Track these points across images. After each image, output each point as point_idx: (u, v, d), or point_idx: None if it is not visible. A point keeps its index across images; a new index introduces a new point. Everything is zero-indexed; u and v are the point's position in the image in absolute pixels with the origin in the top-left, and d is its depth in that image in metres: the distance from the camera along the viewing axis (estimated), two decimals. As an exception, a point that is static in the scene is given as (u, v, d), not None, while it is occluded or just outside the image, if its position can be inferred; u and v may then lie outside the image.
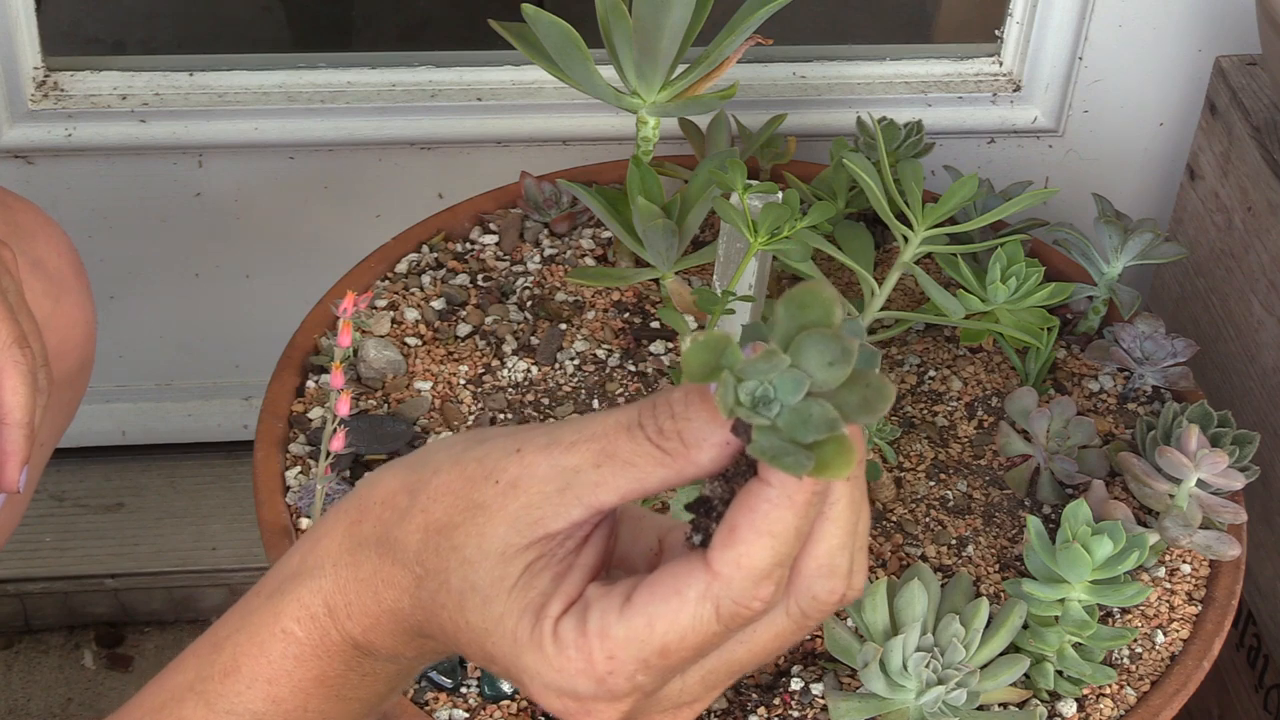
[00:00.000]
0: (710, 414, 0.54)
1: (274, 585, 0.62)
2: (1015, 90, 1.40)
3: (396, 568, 0.59)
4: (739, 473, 0.55)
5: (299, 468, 1.02)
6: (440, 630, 0.59)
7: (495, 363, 1.10)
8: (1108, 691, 0.93)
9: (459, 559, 0.57)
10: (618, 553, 0.60)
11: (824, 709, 0.91)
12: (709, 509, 0.55)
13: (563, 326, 1.13)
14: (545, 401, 1.08)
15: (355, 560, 0.60)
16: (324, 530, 0.62)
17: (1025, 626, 0.92)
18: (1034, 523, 0.90)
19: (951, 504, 1.04)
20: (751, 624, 0.56)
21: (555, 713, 0.56)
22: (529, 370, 1.10)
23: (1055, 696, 0.93)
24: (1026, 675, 0.92)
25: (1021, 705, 0.92)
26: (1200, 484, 0.98)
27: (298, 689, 0.61)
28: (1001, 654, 0.91)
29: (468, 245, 1.19)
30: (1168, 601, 0.98)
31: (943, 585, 0.92)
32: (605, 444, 0.55)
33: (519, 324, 1.13)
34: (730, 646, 0.57)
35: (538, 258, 1.18)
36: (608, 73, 1.06)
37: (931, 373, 1.12)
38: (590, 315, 1.14)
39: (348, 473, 1.02)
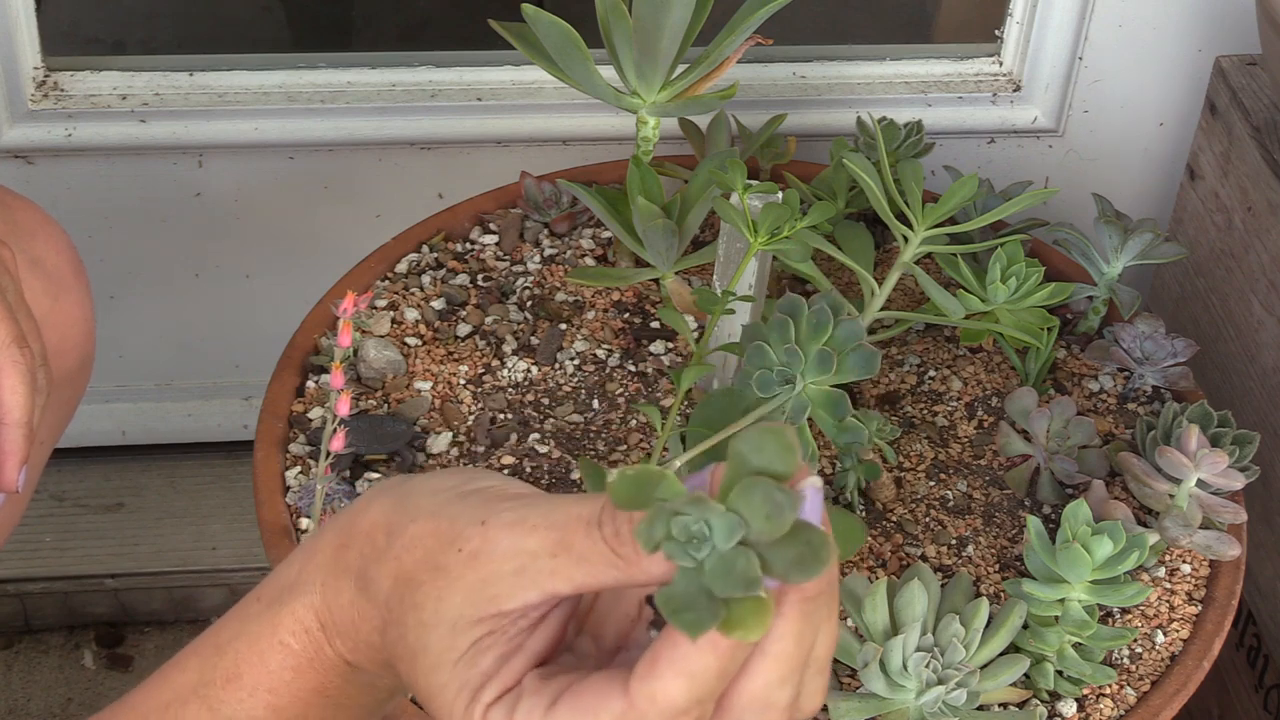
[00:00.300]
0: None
1: (272, 594, 0.63)
2: (1015, 90, 1.40)
3: (370, 605, 0.60)
4: None
5: (299, 468, 1.02)
6: (401, 674, 0.60)
7: (495, 363, 1.10)
8: (1108, 691, 0.93)
9: (416, 619, 0.57)
10: (597, 610, 0.60)
11: (824, 709, 0.91)
12: None
13: (563, 326, 1.13)
14: (545, 401, 1.08)
15: (338, 586, 0.61)
16: (317, 546, 0.62)
17: (1025, 626, 0.92)
18: (1034, 523, 0.90)
19: (951, 504, 1.04)
20: None
21: None
22: (529, 370, 1.10)
23: (1055, 696, 0.93)
24: (1026, 675, 0.92)
25: (1021, 705, 0.92)
26: (1200, 484, 0.98)
27: (297, 698, 0.62)
28: (1001, 654, 0.91)
29: (468, 245, 1.19)
30: (1168, 601, 0.98)
31: (943, 585, 0.92)
32: (563, 535, 0.55)
33: (519, 324, 1.13)
34: None
35: (538, 258, 1.18)
36: (608, 73, 1.06)
37: (931, 373, 1.12)
38: (590, 315, 1.14)
39: (348, 473, 1.02)
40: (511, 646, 0.56)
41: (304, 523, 0.99)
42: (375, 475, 1.03)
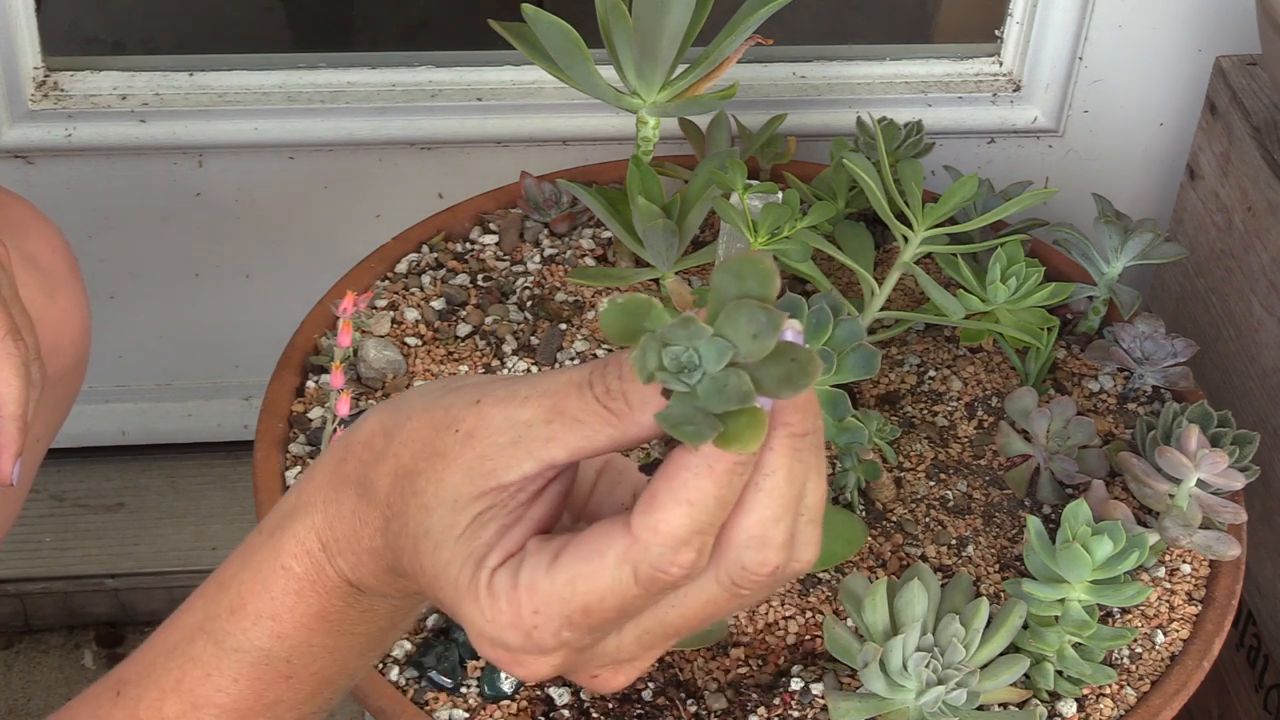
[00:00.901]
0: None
1: (274, 523, 0.63)
2: (1015, 90, 1.40)
3: (371, 508, 0.60)
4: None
5: (299, 468, 1.02)
6: (404, 570, 0.60)
7: (495, 363, 1.10)
8: (1108, 691, 0.93)
9: (418, 504, 0.58)
10: (592, 502, 0.62)
11: (824, 709, 0.91)
12: None
13: (563, 326, 1.13)
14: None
15: (339, 498, 0.61)
16: (316, 469, 0.63)
17: (1025, 626, 0.92)
18: (1034, 523, 0.90)
19: (951, 504, 1.04)
20: (678, 589, 0.57)
21: (490, 660, 0.58)
22: (529, 370, 1.10)
23: (1055, 696, 0.93)
24: (1026, 675, 0.92)
25: (1021, 705, 0.92)
26: (1200, 484, 0.98)
27: (300, 624, 0.62)
28: (1001, 654, 0.91)
29: (468, 245, 1.19)
30: (1168, 601, 0.98)
31: (943, 585, 0.92)
32: (556, 400, 0.56)
33: (519, 324, 1.13)
34: (662, 609, 0.57)
35: (538, 258, 1.18)
36: (608, 73, 1.06)
37: (931, 373, 1.12)
38: (590, 315, 1.14)
39: (348, 473, 1.02)
40: (512, 518, 0.57)
41: (304, 523, 0.99)
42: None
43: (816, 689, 0.92)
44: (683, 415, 0.52)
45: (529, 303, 1.15)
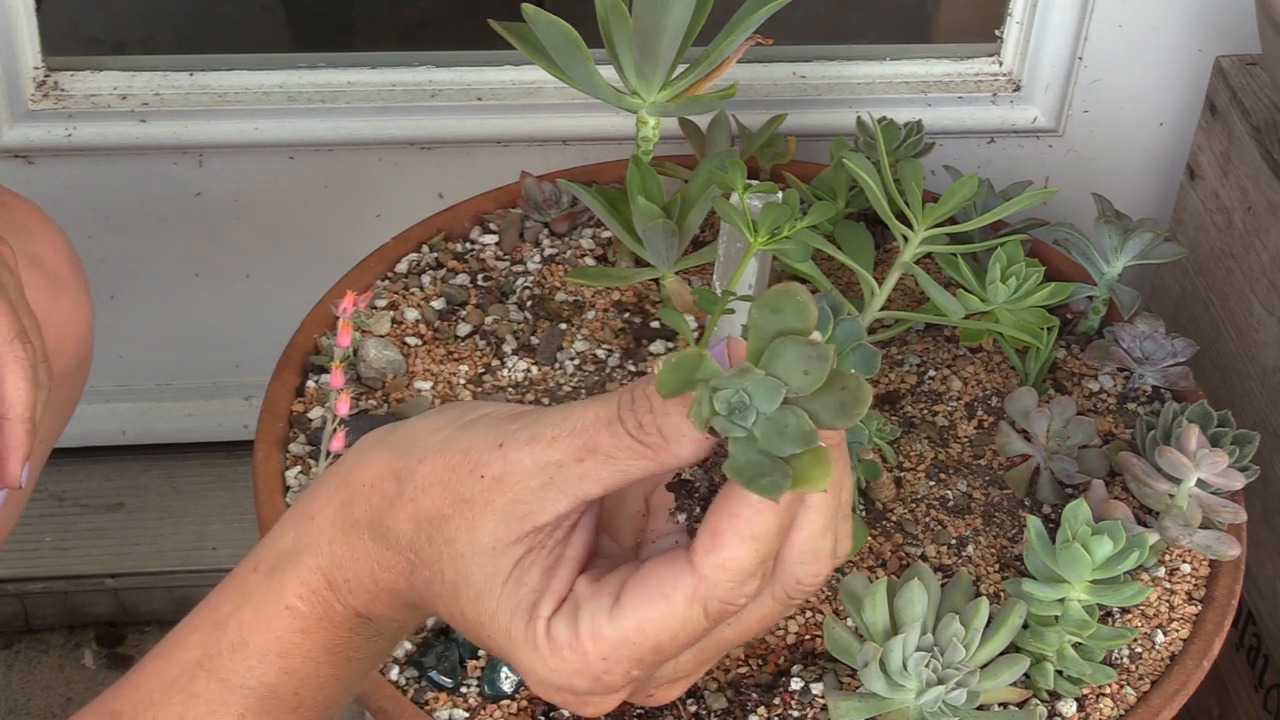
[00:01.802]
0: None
1: (271, 561, 0.63)
2: (1015, 90, 1.40)
3: (391, 553, 0.60)
4: (718, 462, 0.55)
5: (299, 468, 1.02)
6: (436, 611, 0.60)
7: (495, 362, 1.10)
8: (1108, 691, 0.93)
9: (451, 553, 0.58)
10: (604, 515, 0.62)
11: (824, 709, 0.91)
12: (690, 490, 0.57)
13: (563, 326, 1.13)
14: (545, 401, 1.08)
15: (350, 541, 0.61)
16: (316, 508, 0.62)
17: (1025, 626, 0.92)
18: (1034, 523, 0.90)
19: (951, 504, 1.04)
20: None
21: (553, 703, 0.58)
22: (529, 370, 1.10)
23: (1055, 696, 0.93)
24: (1026, 675, 0.92)
25: (1021, 705, 0.92)
26: (1200, 484, 0.98)
27: (308, 658, 0.62)
28: (1001, 654, 0.91)
29: (468, 245, 1.19)
30: (1168, 601, 0.98)
31: (943, 585, 0.92)
32: (587, 439, 0.56)
33: (519, 324, 1.13)
34: (719, 629, 0.58)
35: (538, 258, 1.18)
36: (608, 73, 1.06)
37: (931, 373, 1.12)
38: (590, 315, 1.14)
39: (348, 473, 1.02)
40: (553, 559, 0.57)
41: (304, 523, 0.99)
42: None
43: (816, 689, 0.92)
44: (751, 465, 0.52)
45: (529, 302, 1.15)
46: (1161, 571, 1.00)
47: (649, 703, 0.62)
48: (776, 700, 0.92)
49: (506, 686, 0.92)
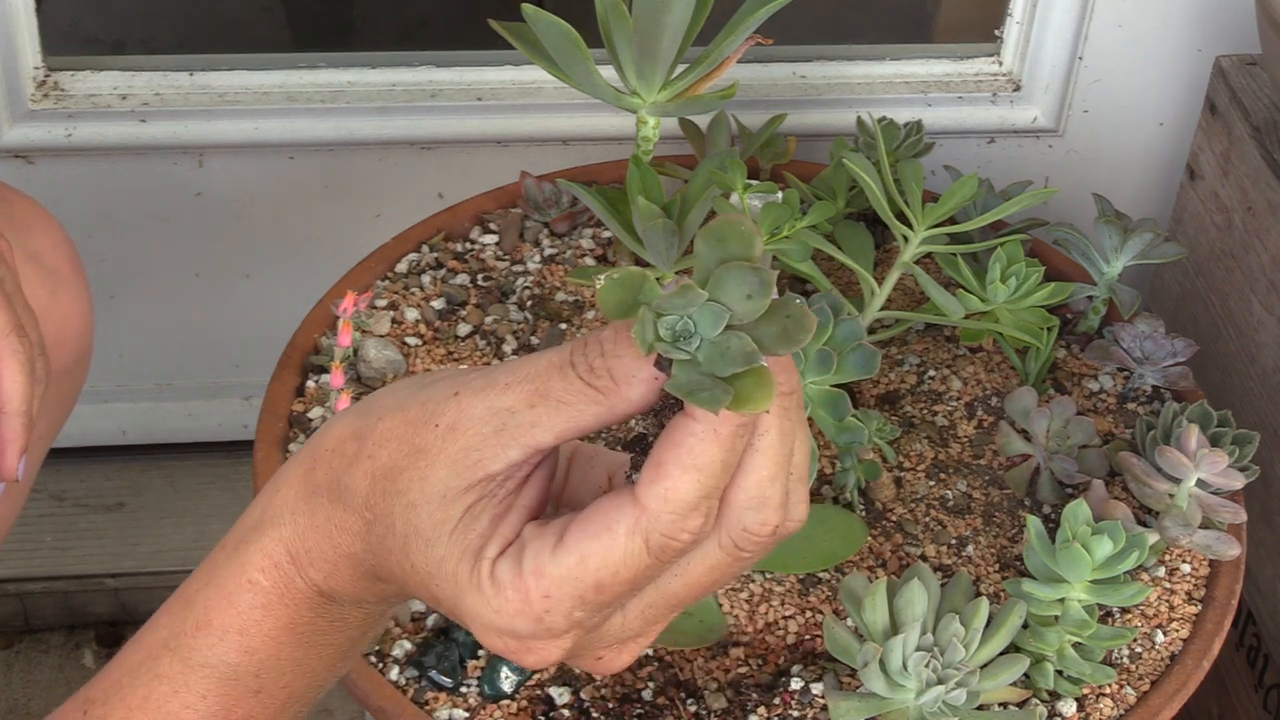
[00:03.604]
0: (638, 350, 0.54)
1: (238, 537, 0.63)
2: (1015, 90, 1.40)
3: (348, 513, 0.60)
4: (668, 407, 0.55)
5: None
6: (390, 573, 0.60)
7: (495, 362, 1.10)
8: (1108, 691, 0.93)
9: (403, 503, 0.57)
10: (568, 490, 0.62)
11: (824, 709, 0.91)
12: (645, 446, 0.56)
13: (563, 326, 1.13)
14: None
15: (310, 507, 0.61)
16: (281, 480, 0.62)
17: (1025, 626, 0.92)
18: (1034, 522, 0.90)
19: (951, 504, 1.04)
20: (684, 556, 0.57)
21: (498, 651, 0.58)
22: (529, 370, 1.10)
23: (1055, 696, 0.93)
24: (1026, 675, 0.92)
25: (1021, 705, 0.92)
26: (1200, 484, 0.98)
27: (269, 638, 0.62)
28: (1001, 654, 0.91)
29: (468, 245, 1.19)
30: (1167, 601, 0.98)
31: (943, 585, 0.92)
32: (539, 384, 0.56)
33: (519, 324, 1.13)
34: (666, 580, 0.58)
35: (538, 258, 1.18)
36: (608, 73, 1.06)
37: (931, 373, 1.12)
38: (590, 315, 1.14)
39: (348, 472, 1.02)
40: (503, 507, 0.57)
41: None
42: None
43: (816, 689, 0.92)
44: (693, 382, 0.53)
45: (529, 302, 1.15)
46: (1161, 571, 1.00)
47: (599, 666, 0.61)
48: (776, 700, 0.92)
49: (506, 686, 0.92)
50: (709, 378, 0.52)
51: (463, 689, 0.92)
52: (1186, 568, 1.00)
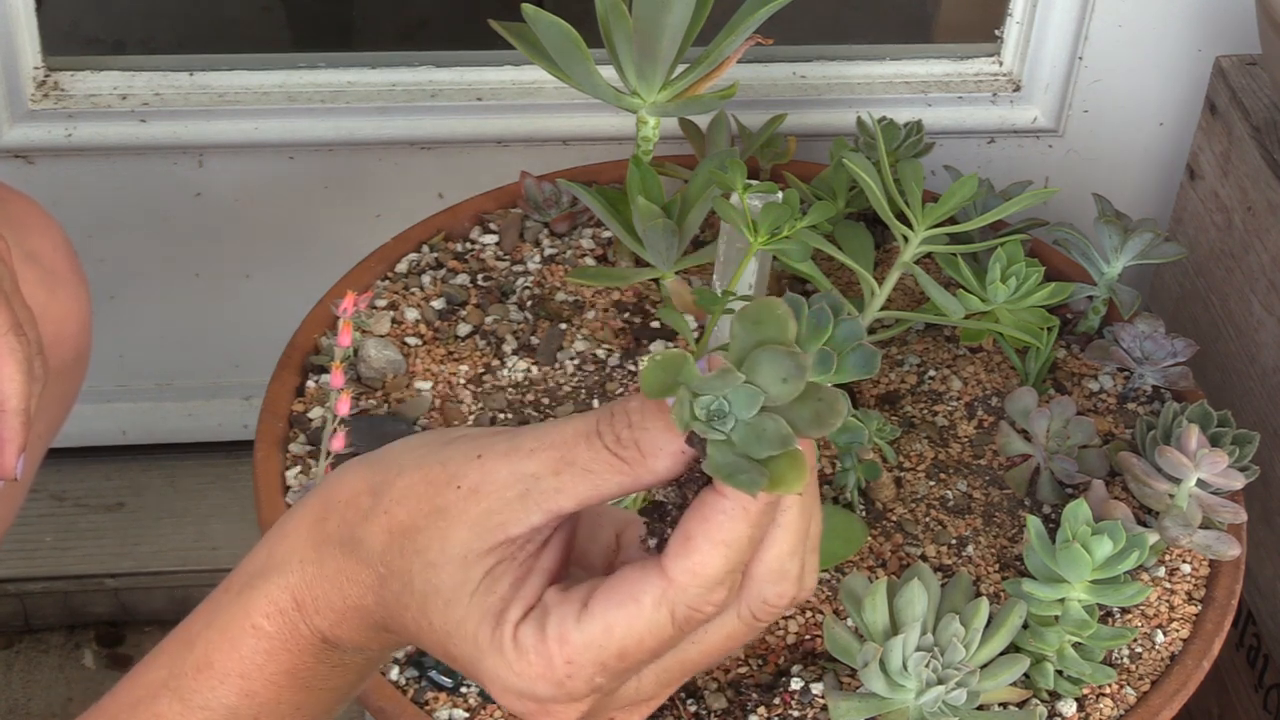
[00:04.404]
0: (666, 423, 0.55)
1: (242, 581, 0.63)
2: (1015, 90, 1.40)
3: (361, 566, 0.60)
4: (692, 479, 0.56)
5: (299, 467, 1.02)
6: (403, 628, 0.60)
7: (495, 362, 1.10)
8: (1108, 691, 0.93)
9: (422, 562, 0.58)
10: (575, 548, 0.62)
11: (824, 709, 0.91)
12: (663, 514, 0.57)
13: (563, 326, 1.13)
14: (545, 401, 1.08)
15: (320, 557, 0.61)
16: (290, 527, 0.62)
17: (1025, 626, 0.92)
18: (1034, 522, 0.90)
19: (951, 504, 1.04)
20: (704, 626, 0.57)
21: (515, 713, 0.58)
22: (529, 370, 1.10)
23: (1055, 696, 0.93)
24: (1026, 675, 0.92)
25: (1021, 705, 0.92)
26: (1200, 484, 0.98)
27: (270, 682, 0.62)
28: (1001, 654, 0.91)
29: (468, 245, 1.19)
30: (1168, 601, 0.98)
31: (943, 585, 0.92)
32: (564, 452, 0.56)
33: (519, 324, 1.13)
34: (683, 647, 0.58)
35: (538, 258, 1.18)
36: (608, 73, 1.06)
37: (931, 373, 1.12)
38: (590, 315, 1.14)
39: (348, 472, 1.02)
40: (524, 570, 0.57)
41: (304, 522, 0.99)
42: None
43: (816, 689, 0.92)
44: (730, 464, 0.53)
45: (529, 302, 1.15)
46: (1161, 571, 1.00)
47: None
48: (776, 700, 0.92)
49: (506, 686, 0.92)
50: (744, 459, 0.53)
51: (463, 689, 0.92)
52: (1186, 568, 1.00)
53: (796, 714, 0.91)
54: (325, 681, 0.63)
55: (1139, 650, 0.96)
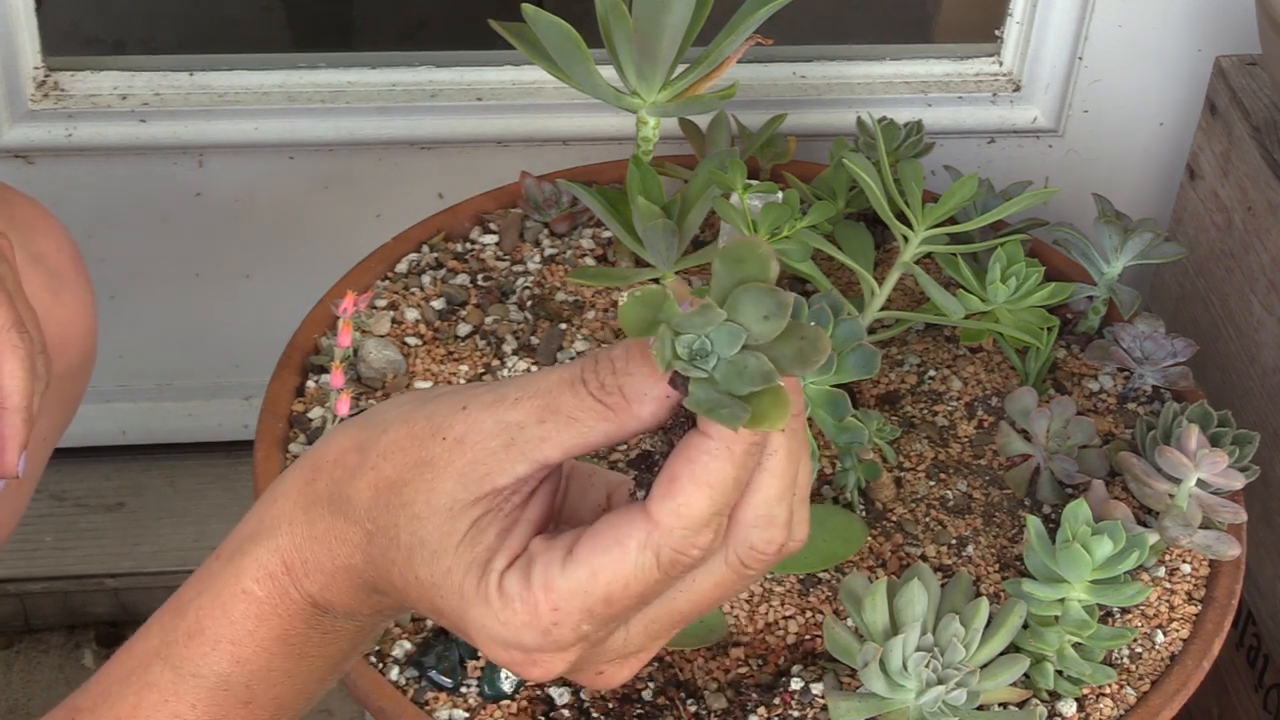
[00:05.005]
0: (650, 368, 0.55)
1: (233, 547, 0.63)
2: (1015, 90, 1.40)
3: (348, 524, 0.60)
4: (678, 425, 0.56)
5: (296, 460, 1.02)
6: (391, 586, 0.60)
7: (495, 363, 1.10)
8: (1108, 691, 0.93)
9: (408, 515, 0.58)
10: (566, 509, 0.62)
11: (824, 709, 0.91)
12: (651, 463, 0.57)
13: (563, 326, 1.13)
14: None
15: (309, 518, 0.61)
16: (280, 491, 0.62)
17: (1025, 626, 0.92)
18: (1034, 523, 0.90)
19: (951, 504, 1.04)
20: (691, 572, 0.57)
21: (502, 664, 0.58)
22: (529, 370, 1.10)
23: (1055, 696, 0.93)
24: (1026, 675, 0.92)
25: (1021, 705, 0.92)
26: (1200, 484, 0.98)
27: (261, 649, 0.62)
28: (1001, 654, 0.91)
29: (468, 245, 1.19)
30: (1168, 601, 0.98)
31: (943, 585, 0.92)
32: (549, 400, 0.56)
33: (519, 324, 1.13)
34: (671, 596, 0.58)
35: (538, 258, 1.18)
36: (608, 73, 1.06)
37: (931, 373, 1.12)
38: (590, 315, 1.14)
39: (348, 473, 1.02)
40: (510, 520, 0.57)
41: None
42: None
43: (816, 689, 0.92)
44: (711, 400, 0.53)
45: (529, 303, 1.15)
46: (1161, 571, 1.00)
47: (599, 681, 0.61)
48: (776, 700, 0.92)
49: (506, 686, 0.92)
50: (726, 396, 0.53)
51: (463, 689, 0.92)
52: (1186, 568, 1.00)
53: (796, 714, 0.91)
54: (316, 649, 0.63)
55: (1139, 650, 0.96)
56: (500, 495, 0.57)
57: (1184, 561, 1.00)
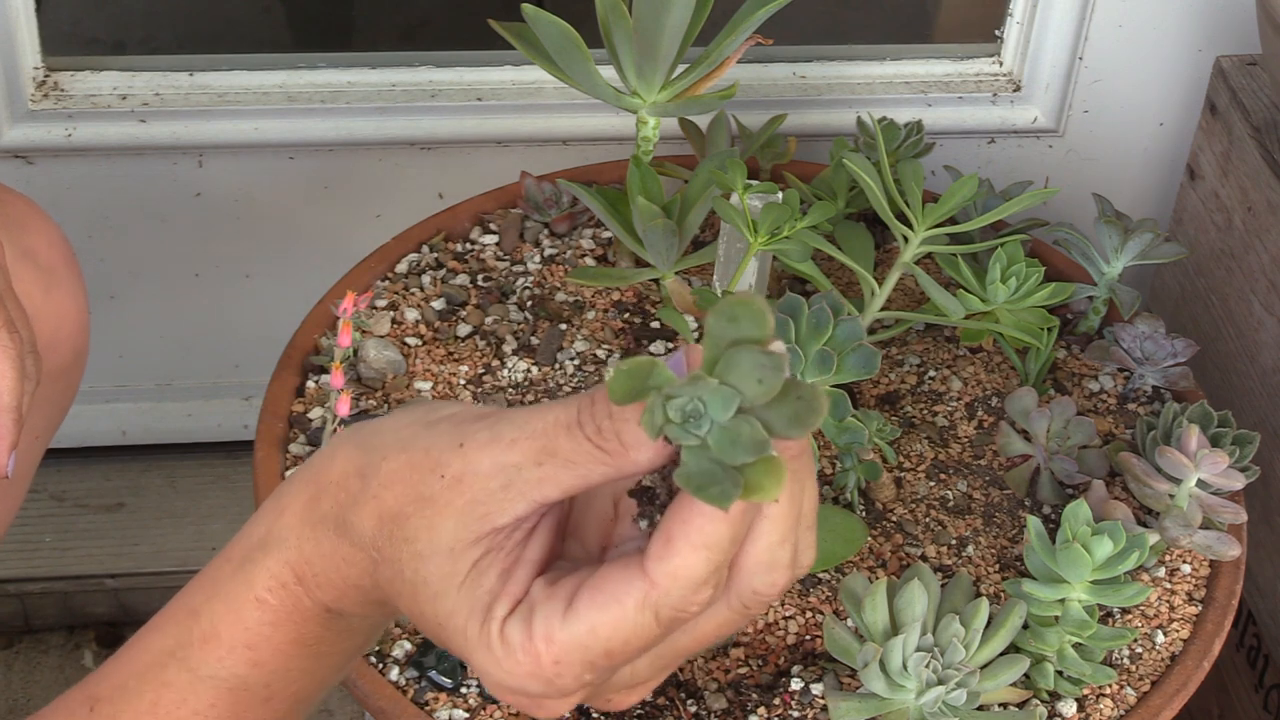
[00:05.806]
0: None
1: (242, 553, 0.63)
2: (1015, 90, 1.40)
3: (354, 549, 0.60)
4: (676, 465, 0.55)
5: (299, 468, 1.02)
6: (400, 608, 0.60)
7: (495, 363, 1.10)
8: (1108, 691, 0.93)
9: (411, 552, 0.58)
10: (572, 520, 0.61)
11: (824, 709, 0.91)
12: (651, 497, 0.56)
13: (563, 326, 1.13)
14: (545, 401, 1.08)
15: (316, 536, 0.61)
16: (285, 502, 0.63)
17: (1025, 626, 0.92)
18: (1034, 523, 0.90)
19: (951, 504, 1.04)
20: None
21: (509, 704, 0.58)
22: (529, 370, 1.10)
23: (1055, 696, 0.93)
24: (1026, 675, 0.92)
25: (1021, 705, 0.92)
26: (1200, 484, 0.98)
27: (277, 651, 0.62)
28: (1001, 654, 0.91)
29: (468, 245, 1.19)
30: (1168, 601, 0.98)
31: (943, 585, 0.92)
32: (546, 442, 0.56)
33: (519, 324, 1.13)
34: (675, 636, 0.58)
35: (538, 258, 1.18)
36: (608, 73, 1.06)
37: (931, 373, 1.12)
38: (590, 315, 1.14)
39: (348, 473, 1.02)
40: (510, 560, 0.57)
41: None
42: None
43: (816, 689, 0.92)
44: (702, 473, 0.52)
45: (529, 303, 1.15)
46: (1162, 572, 1.00)
47: (607, 708, 0.62)
48: (776, 700, 0.92)
49: (506, 687, 0.92)
50: (719, 466, 0.52)
51: (463, 689, 0.92)
52: (1187, 568, 1.00)
53: (796, 714, 0.91)
54: (332, 647, 0.64)
55: (1139, 650, 0.96)
56: (501, 534, 0.57)
57: (1184, 562, 1.00)
